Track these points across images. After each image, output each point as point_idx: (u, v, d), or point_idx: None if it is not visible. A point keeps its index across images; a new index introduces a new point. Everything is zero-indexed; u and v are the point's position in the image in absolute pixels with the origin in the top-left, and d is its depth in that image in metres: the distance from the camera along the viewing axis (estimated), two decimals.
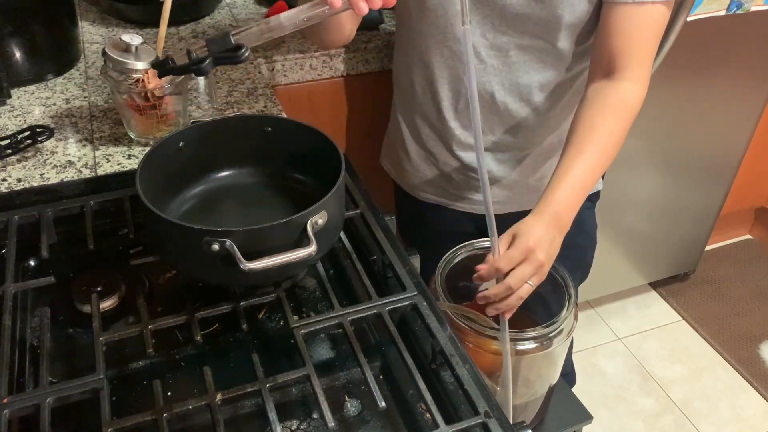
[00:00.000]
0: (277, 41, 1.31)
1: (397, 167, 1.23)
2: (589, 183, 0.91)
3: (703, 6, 1.45)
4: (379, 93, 1.31)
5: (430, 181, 1.18)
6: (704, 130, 1.80)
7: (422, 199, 1.21)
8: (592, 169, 0.91)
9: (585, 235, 1.20)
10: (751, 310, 2.18)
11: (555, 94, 1.04)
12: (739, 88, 1.74)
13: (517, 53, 0.98)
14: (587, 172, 0.90)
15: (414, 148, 1.17)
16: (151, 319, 0.73)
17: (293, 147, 0.84)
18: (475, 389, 0.67)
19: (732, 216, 2.28)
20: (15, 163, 0.96)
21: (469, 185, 1.15)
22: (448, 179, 1.16)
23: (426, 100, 1.09)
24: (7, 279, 0.75)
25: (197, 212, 0.84)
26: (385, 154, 1.28)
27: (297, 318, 0.74)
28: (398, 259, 0.81)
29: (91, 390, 0.65)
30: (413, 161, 1.18)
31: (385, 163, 1.28)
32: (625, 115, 0.93)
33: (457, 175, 1.14)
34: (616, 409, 1.89)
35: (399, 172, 1.23)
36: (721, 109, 1.76)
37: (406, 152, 1.18)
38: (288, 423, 0.68)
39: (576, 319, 0.95)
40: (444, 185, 1.17)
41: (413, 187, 1.21)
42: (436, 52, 1.02)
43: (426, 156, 1.16)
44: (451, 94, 1.05)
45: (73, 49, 1.21)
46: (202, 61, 0.72)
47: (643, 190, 1.86)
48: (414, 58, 1.06)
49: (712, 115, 1.76)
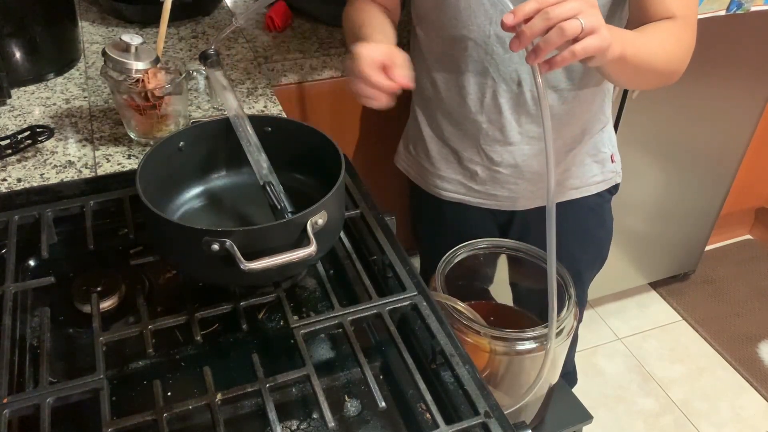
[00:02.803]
0: (277, 41, 1.31)
1: (417, 167, 1.23)
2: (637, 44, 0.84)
3: (703, 6, 1.45)
4: None
5: (452, 179, 1.18)
6: (704, 130, 1.80)
7: (445, 198, 1.21)
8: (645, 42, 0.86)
9: (604, 228, 1.22)
10: (751, 310, 2.18)
11: (580, 82, 1.04)
12: (739, 88, 1.74)
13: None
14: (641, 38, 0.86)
15: (435, 146, 1.16)
16: (151, 319, 0.73)
17: (293, 147, 0.84)
18: (475, 389, 0.67)
19: (732, 216, 2.28)
20: (15, 163, 0.96)
21: (494, 180, 1.14)
22: (472, 176, 1.15)
23: (450, 96, 1.08)
24: (7, 279, 0.75)
25: (197, 212, 0.84)
26: (402, 155, 1.28)
27: (297, 318, 0.74)
28: (398, 259, 0.81)
29: (91, 390, 0.65)
30: (434, 159, 1.18)
31: (402, 164, 1.27)
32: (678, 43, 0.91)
33: (483, 171, 1.13)
34: (616, 409, 1.89)
35: (418, 172, 1.23)
36: (721, 109, 1.76)
37: (426, 151, 1.18)
38: (288, 423, 0.68)
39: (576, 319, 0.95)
40: (467, 182, 1.17)
41: (434, 186, 1.21)
42: (460, 46, 1.02)
43: (449, 153, 1.15)
44: (477, 87, 1.05)
45: (73, 49, 1.21)
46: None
47: (643, 190, 1.86)
48: (436, 55, 1.06)
49: (712, 115, 1.76)
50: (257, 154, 0.81)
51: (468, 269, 1.05)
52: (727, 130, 1.84)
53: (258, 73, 1.21)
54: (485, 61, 1.02)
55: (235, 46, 1.29)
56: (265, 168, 0.81)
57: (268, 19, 1.35)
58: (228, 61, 1.24)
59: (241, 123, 0.82)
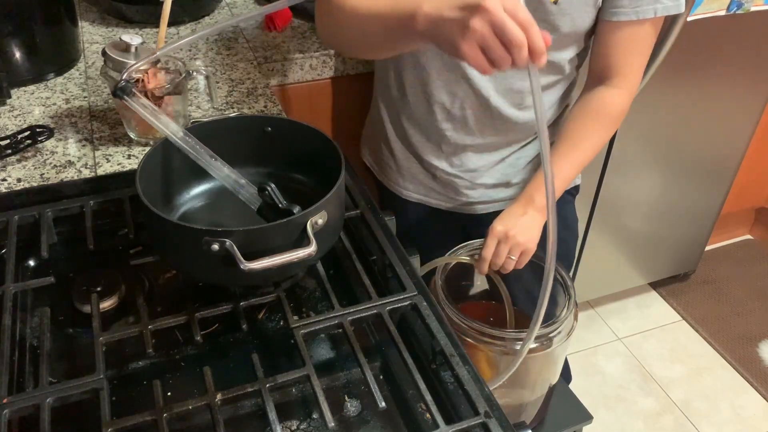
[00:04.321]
0: (277, 41, 1.31)
1: (380, 164, 1.24)
2: (569, 179, 1.07)
3: (703, 6, 1.45)
4: None
5: (413, 180, 1.19)
6: (704, 131, 1.80)
7: (405, 197, 1.22)
8: (575, 169, 1.06)
9: (567, 229, 1.23)
10: (751, 310, 2.18)
11: (547, 98, 1.07)
12: (739, 88, 1.74)
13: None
14: (570, 172, 1.05)
15: (399, 146, 1.17)
16: (151, 319, 0.73)
17: (293, 147, 0.84)
18: (475, 389, 0.67)
19: (732, 216, 2.28)
20: (15, 163, 0.96)
21: (453, 185, 1.16)
22: (432, 178, 1.17)
23: (417, 101, 1.09)
24: (7, 279, 0.75)
25: (197, 212, 0.84)
26: (366, 149, 1.28)
27: (297, 318, 0.74)
28: (398, 259, 0.81)
29: (91, 390, 0.65)
30: (397, 158, 1.18)
31: (367, 159, 1.28)
32: (611, 125, 1.06)
33: (443, 175, 1.15)
34: (616, 409, 1.89)
35: (382, 169, 1.24)
36: (721, 109, 1.76)
37: (390, 150, 1.19)
38: (288, 423, 0.68)
39: (576, 319, 0.95)
40: (428, 183, 1.18)
41: (396, 184, 1.22)
42: (434, 55, 1.02)
43: (411, 154, 1.16)
44: (446, 98, 1.05)
45: (73, 49, 1.21)
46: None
47: (643, 191, 1.86)
48: (407, 61, 1.06)
49: (712, 115, 1.76)
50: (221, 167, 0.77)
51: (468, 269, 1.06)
52: (727, 130, 1.84)
53: (258, 73, 1.21)
54: (458, 74, 1.02)
55: (235, 46, 1.29)
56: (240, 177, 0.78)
57: (267, 19, 1.35)
58: (228, 61, 1.24)
59: (192, 142, 0.77)
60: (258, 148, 0.85)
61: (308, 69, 1.27)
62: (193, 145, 0.77)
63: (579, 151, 1.04)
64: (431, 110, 1.07)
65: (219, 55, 1.26)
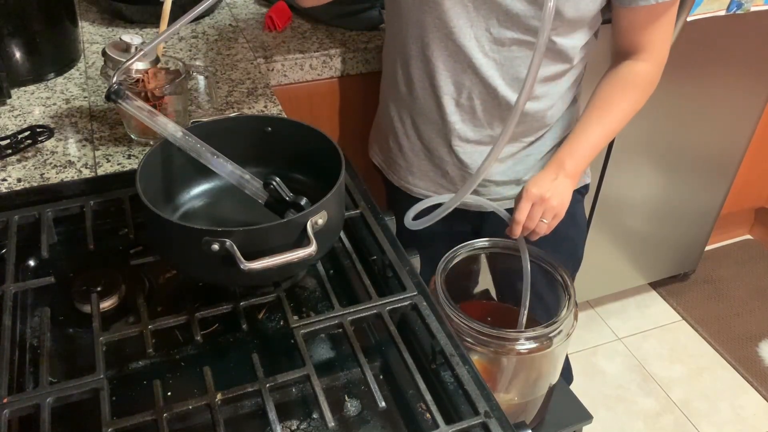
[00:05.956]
0: (277, 41, 1.31)
1: (389, 162, 1.23)
2: (600, 146, 1.06)
3: (703, 6, 1.45)
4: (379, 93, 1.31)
5: (423, 177, 1.18)
6: (704, 130, 1.80)
7: (414, 195, 1.21)
8: (606, 136, 1.05)
9: (576, 227, 1.22)
10: (751, 310, 2.18)
11: (554, 88, 1.06)
12: (739, 88, 1.74)
13: (519, 48, 0.99)
14: (600, 138, 1.04)
15: (407, 143, 1.16)
16: (151, 319, 0.73)
17: (293, 147, 0.84)
18: (475, 389, 0.67)
19: (732, 216, 2.28)
20: (15, 163, 0.96)
21: (464, 181, 1.15)
22: (443, 175, 1.16)
23: (425, 95, 1.09)
24: (7, 279, 0.75)
25: (197, 212, 0.84)
26: (374, 148, 1.28)
27: (297, 318, 0.74)
28: (398, 259, 0.81)
29: (91, 390, 0.65)
30: (406, 155, 1.18)
31: (376, 158, 1.28)
32: (641, 94, 1.06)
33: (453, 170, 1.14)
34: (616, 409, 1.89)
35: (390, 167, 1.23)
36: (721, 109, 1.77)
37: (399, 146, 1.18)
38: (288, 423, 0.68)
39: (576, 319, 0.95)
40: (439, 180, 1.17)
41: (405, 182, 1.21)
42: (439, 46, 1.02)
43: (421, 150, 1.16)
44: (453, 88, 1.05)
45: (73, 49, 1.21)
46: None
47: (643, 190, 1.86)
48: (412, 53, 1.06)
49: (712, 114, 1.76)
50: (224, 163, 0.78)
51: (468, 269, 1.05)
52: (727, 130, 1.84)
53: (258, 73, 1.21)
54: (464, 64, 1.02)
55: (235, 46, 1.29)
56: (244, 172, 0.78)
57: (268, 19, 1.35)
58: (228, 61, 1.24)
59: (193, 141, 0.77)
60: (258, 149, 0.85)
61: (308, 69, 1.27)
62: (193, 144, 0.77)
63: (608, 118, 1.04)
64: (440, 103, 1.07)
65: (219, 55, 1.26)
